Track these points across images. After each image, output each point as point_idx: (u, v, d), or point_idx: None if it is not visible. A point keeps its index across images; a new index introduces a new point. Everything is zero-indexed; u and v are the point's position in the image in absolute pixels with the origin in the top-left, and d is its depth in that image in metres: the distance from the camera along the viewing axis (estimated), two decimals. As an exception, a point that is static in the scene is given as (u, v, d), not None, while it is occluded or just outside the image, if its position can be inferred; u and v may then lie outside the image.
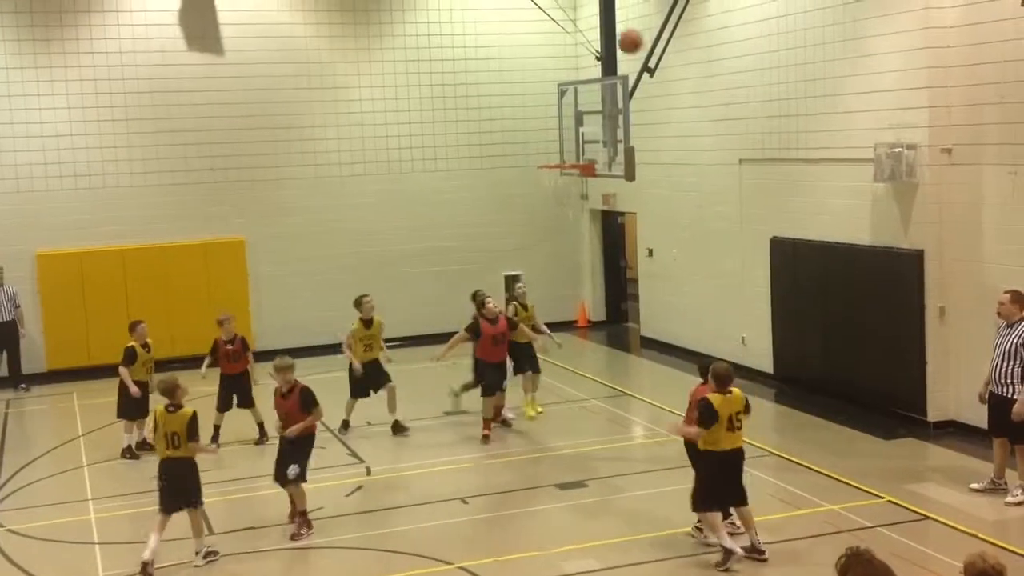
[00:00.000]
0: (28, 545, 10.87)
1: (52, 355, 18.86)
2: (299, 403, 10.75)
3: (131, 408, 13.63)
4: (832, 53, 14.70)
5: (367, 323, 14.52)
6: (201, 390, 13.67)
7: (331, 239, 20.39)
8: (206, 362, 14.22)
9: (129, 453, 13.68)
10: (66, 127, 18.85)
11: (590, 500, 11.68)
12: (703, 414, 9.58)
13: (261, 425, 14.07)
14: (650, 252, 19.88)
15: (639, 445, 14.27)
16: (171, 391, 10.25)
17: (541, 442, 13.88)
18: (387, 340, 15.02)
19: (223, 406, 14.20)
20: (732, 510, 9.92)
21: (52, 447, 14.60)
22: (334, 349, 18.89)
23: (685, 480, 12.00)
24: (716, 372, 9.77)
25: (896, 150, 13.32)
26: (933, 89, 13.14)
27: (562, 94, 16.28)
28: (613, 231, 22.15)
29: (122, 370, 13.60)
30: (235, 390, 14.18)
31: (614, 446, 13.82)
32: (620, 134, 14.69)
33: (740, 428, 9.69)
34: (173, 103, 19.34)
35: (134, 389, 13.44)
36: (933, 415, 13.53)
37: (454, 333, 14.43)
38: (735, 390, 9.76)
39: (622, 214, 21.52)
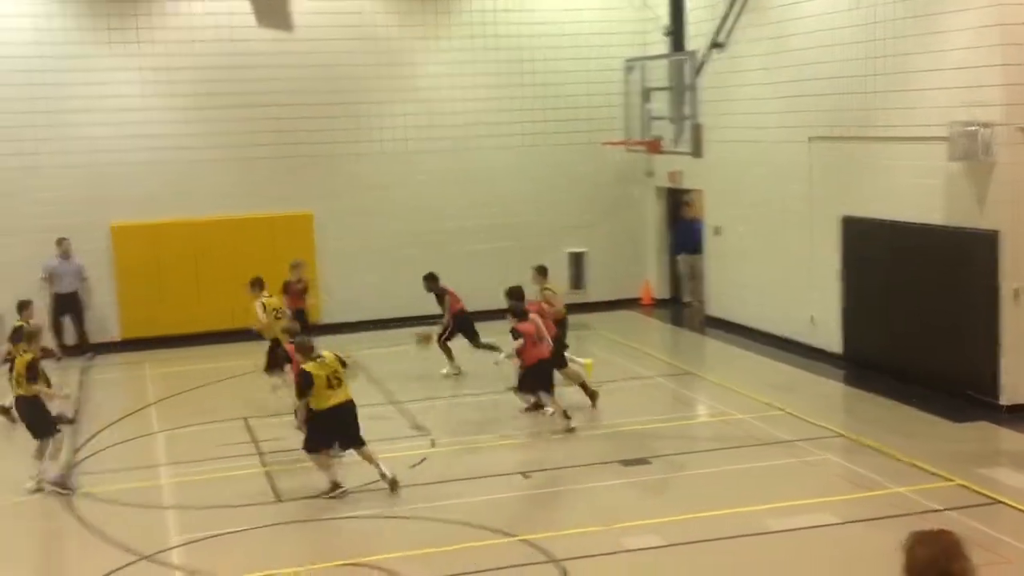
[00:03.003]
0: (103, 508, 11.17)
1: (126, 325, 19.26)
2: None
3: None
4: (903, 29, 14.41)
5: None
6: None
7: (396, 214, 20.48)
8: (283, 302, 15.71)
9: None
10: (139, 101, 19.13)
11: (653, 477, 11.70)
12: (300, 384, 10.98)
13: None
14: (716, 230, 19.70)
15: (703, 423, 14.22)
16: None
17: (605, 419, 13.88)
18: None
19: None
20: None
21: (126, 413, 14.93)
22: (400, 323, 19.09)
23: (750, 459, 12.02)
24: (298, 346, 11.32)
25: (971, 128, 13.05)
26: (1008, 67, 12.84)
27: (629, 70, 16.21)
28: (679, 209, 21.98)
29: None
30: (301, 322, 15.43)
31: (678, 424, 13.82)
32: (687, 110, 14.63)
33: (340, 384, 11.02)
34: (244, 78, 19.54)
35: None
36: (1006, 398, 13.29)
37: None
38: (326, 353, 11.15)
39: (688, 191, 21.35)
